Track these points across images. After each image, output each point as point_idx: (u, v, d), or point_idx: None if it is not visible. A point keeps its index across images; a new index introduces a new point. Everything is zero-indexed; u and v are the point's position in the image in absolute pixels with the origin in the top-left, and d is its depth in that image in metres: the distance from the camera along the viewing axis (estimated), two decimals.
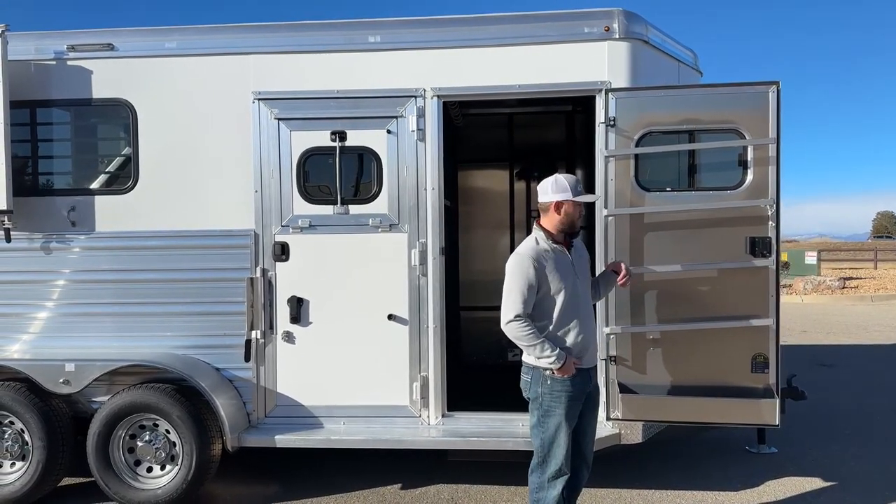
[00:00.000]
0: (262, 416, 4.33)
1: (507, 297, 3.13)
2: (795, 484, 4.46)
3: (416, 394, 4.27)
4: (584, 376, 3.22)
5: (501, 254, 6.78)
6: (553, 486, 3.20)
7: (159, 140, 4.34)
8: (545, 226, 3.25)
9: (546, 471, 3.21)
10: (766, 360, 3.91)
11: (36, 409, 4.12)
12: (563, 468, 3.19)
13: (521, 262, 3.12)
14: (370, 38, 4.23)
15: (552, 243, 3.21)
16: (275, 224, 4.30)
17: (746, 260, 3.90)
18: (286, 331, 4.31)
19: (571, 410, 3.17)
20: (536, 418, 3.22)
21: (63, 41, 4.34)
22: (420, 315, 4.26)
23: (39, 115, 4.42)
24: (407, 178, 4.24)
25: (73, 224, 4.37)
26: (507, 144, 6.77)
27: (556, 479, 3.20)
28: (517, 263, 3.14)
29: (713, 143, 4.00)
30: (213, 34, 4.38)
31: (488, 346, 6.70)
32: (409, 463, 4.72)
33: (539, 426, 3.21)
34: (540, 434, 3.21)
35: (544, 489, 3.23)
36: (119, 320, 4.37)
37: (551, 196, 3.19)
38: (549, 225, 3.23)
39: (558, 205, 3.18)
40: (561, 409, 3.14)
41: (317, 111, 4.26)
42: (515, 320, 3.09)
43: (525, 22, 4.22)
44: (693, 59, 4.71)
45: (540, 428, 3.21)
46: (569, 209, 3.19)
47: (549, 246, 3.20)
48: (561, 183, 3.20)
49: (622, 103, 3.95)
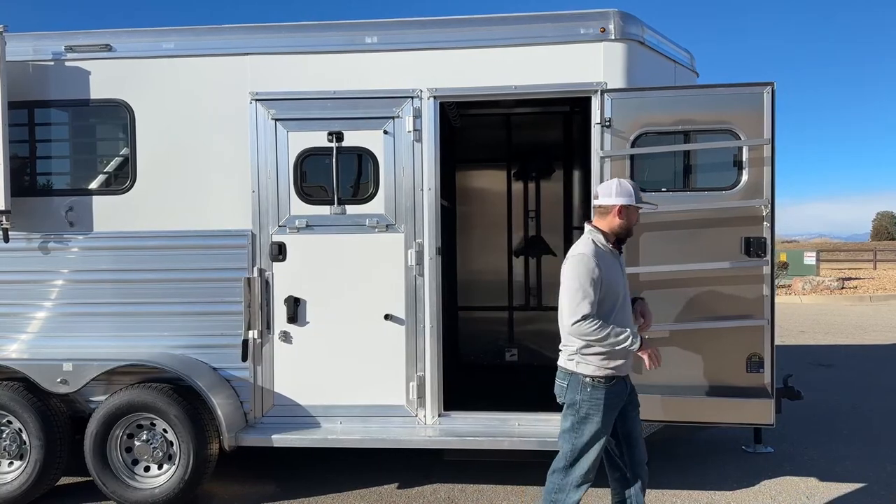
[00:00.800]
0: (260, 415, 4.34)
1: (573, 297, 3.03)
2: (792, 483, 4.48)
3: (412, 393, 4.28)
4: (622, 384, 3.18)
5: (499, 254, 6.82)
6: (576, 491, 3.18)
7: (157, 140, 4.36)
8: (602, 227, 3.20)
9: (571, 475, 3.18)
10: (761, 359, 3.93)
11: (34, 408, 4.13)
12: (590, 474, 3.17)
13: (587, 262, 3.05)
14: (367, 38, 4.25)
15: (609, 245, 3.18)
16: (272, 224, 4.31)
17: (741, 260, 3.91)
18: (283, 330, 4.32)
19: (608, 418, 3.13)
20: (570, 423, 3.16)
21: (61, 42, 4.36)
22: (417, 315, 4.27)
23: (37, 116, 4.43)
24: (403, 178, 4.26)
25: (71, 224, 4.38)
26: (504, 145, 6.79)
27: (580, 486, 3.17)
28: (582, 263, 3.06)
29: (708, 143, 4.01)
30: (211, 35, 4.40)
31: (485, 346, 6.72)
32: (406, 462, 4.74)
33: (573, 431, 3.15)
34: (572, 439, 3.16)
35: (564, 492, 3.19)
36: (117, 320, 4.38)
37: (615, 199, 3.15)
38: (606, 227, 3.19)
39: (622, 209, 3.14)
40: (598, 416, 3.10)
41: (314, 112, 4.27)
42: (584, 320, 2.99)
43: (521, 23, 4.24)
44: (689, 60, 4.72)
45: (574, 433, 3.15)
46: (630, 214, 3.18)
47: (607, 248, 3.17)
48: (626, 187, 3.16)
49: (618, 104, 3.96)
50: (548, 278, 6.76)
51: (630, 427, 3.28)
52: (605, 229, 3.20)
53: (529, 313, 6.79)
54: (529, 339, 6.73)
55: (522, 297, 6.83)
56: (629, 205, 3.16)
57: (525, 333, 6.77)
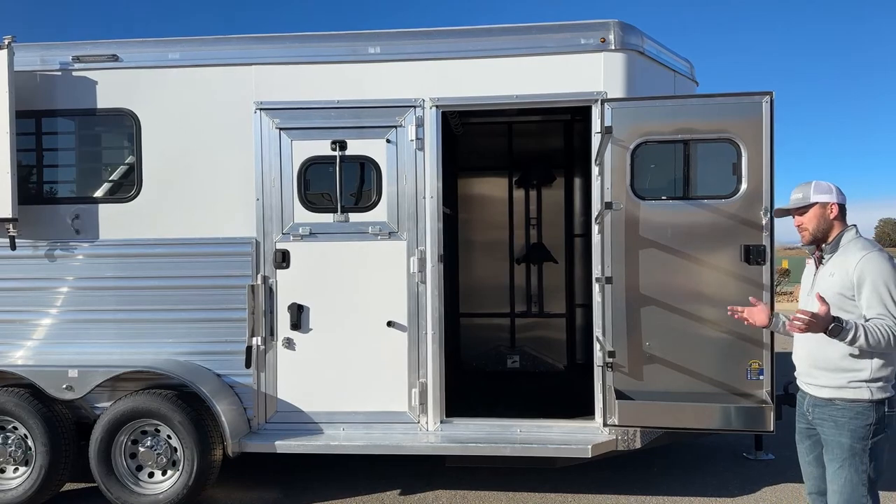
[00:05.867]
0: (263, 421, 4.37)
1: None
2: (792, 490, 4.48)
3: (414, 400, 4.31)
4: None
5: (501, 261, 6.86)
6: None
7: (162, 149, 4.41)
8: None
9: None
10: (760, 367, 3.95)
11: (39, 414, 4.16)
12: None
13: (891, 259, 2.70)
14: (370, 49, 4.30)
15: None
16: (276, 232, 4.36)
17: (741, 268, 3.93)
18: (286, 337, 4.35)
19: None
20: (868, 466, 2.69)
21: (68, 52, 4.42)
22: (419, 322, 4.30)
23: (45, 125, 4.49)
24: (406, 186, 4.30)
25: (77, 232, 4.43)
26: (506, 153, 6.84)
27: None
28: (889, 260, 2.70)
29: (708, 152, 4.05)
30: (216, 45, 4.45)
31: (487, 353, 6.74)
32: (407, 468, 4.76)
33: (866, 473, 2.70)
34: (867, 480, 2.70)
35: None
36: (122, 327, 4.42)
37: (840, 199, 2.86)
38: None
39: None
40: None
41: (317, 121, 4.33)
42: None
43: (522, 33, 4.29)
44: (689, 70, 4.77)
45: (869, 478, 2.70)
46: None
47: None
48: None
49: (618, 113, 4.00)
50: (549, 285, 6.79)
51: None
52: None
53: (531, 320, 6.82)
54: (531, 346, 6.75)
55: (524, 303, 6.86)
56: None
57: (527, 340, 6.79)
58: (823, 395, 2.78)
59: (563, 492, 4.44)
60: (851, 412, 2.69)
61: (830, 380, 2.75)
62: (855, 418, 2.69)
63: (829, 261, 2.84)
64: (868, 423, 2.68)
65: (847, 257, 2.75)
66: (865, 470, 2.70)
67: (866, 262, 2.67)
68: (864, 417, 2.68)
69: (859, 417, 2.69)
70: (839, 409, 2.73)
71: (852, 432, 2.69)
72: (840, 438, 2.72)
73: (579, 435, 4.21)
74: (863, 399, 2.69)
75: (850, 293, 2.71)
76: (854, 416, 2.69)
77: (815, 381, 2.83)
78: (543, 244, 6.78)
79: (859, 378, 2.69)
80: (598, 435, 4.18)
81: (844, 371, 2.72)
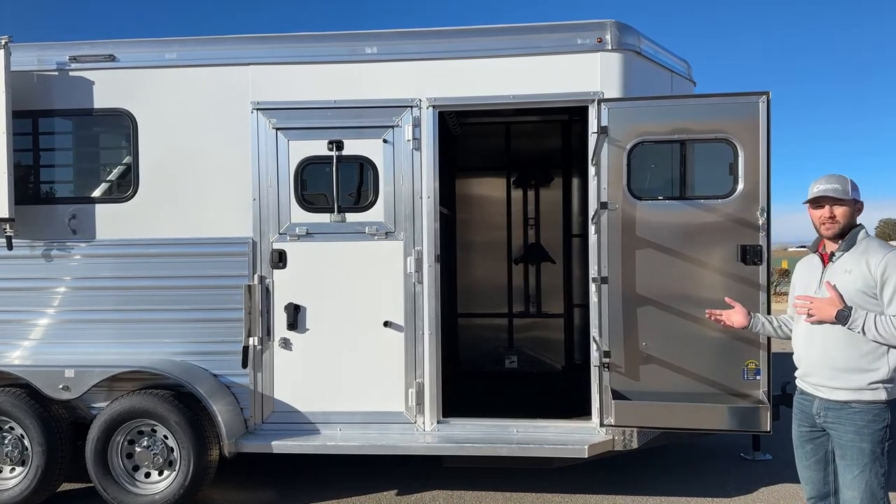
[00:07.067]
0: (260, 421, 4.37)
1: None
2: (790, 491, 4.48)
3: (411, 400, 4.31)
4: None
5: (498, 261, 6.86)
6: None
7: (159, 149, 4.40)
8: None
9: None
10: (757, 367, 3.94)
11: (36, 414, 4.16)
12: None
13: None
14: (367, 49, 4.30)
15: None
16: (272, 232, 4.35)
17: (737, 268, 3.93)
18: (283, 337, 4.35)
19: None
20: (887, 468, 2.69)
21: (65, 52, 4.42)
22: (416, 322, 4.30)
23: (41, 125, 4.49)
24: (403, 186, 4.30)
25: (74, 232, 4.42)
26: (503, 153, 6.84)
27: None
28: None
29: (704, 152, 4.04)
30: (213, 45, 4.46)
31: (485, 353, 6.74)
32: (404, 468, 4.76)
33: (885, 475, 2.69)
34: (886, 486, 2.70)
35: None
36: (118, 327, 4.42)
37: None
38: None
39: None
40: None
41: (314, 121, 4.32)
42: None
43: (519, 33, 4.29)
44: (686, 70, 4.77)
45: (888, 480, 2.70)
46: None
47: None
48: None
49: (614, 113, 3.99)
50: (547, 285, 6.79)
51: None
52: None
53: (529, 320, 6.82)
54: (529, 346, 6.75)
55: (522, 304, 6.86)
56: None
57: (525, 340, 6.79)
58: (839, 397, 2.73)
59: (559, 492, 4.44)
60: (869, 415, 2.67)
61: (849, 381, 2.70)
62: (873, 421, 2.67)
63: (842, 258, 2.78)
64: (885, 424, 2.67)
65: (868, 255, 2.71)
66: (885, 472, 2.68)
67: (891, 260, 2.66)
68: (881, 420, 2.66)
69: (877, 420, 2.66)
70: (857, 412, 2.69)
71: (872, 436, 2.67)
72: (861, 444, 2.68)
73: (576, 435, 4.21)
74: (880, 400, 2.67)
75: (873, 291, 2.68)
76: (872, 420, 2.67)
77: (828, 384, 2.76)
78: (541, 244, 6.78)
79: (877, 378, 2.67)
80: (594, 435, 4.18)
81: (864, 371, 2.68)
